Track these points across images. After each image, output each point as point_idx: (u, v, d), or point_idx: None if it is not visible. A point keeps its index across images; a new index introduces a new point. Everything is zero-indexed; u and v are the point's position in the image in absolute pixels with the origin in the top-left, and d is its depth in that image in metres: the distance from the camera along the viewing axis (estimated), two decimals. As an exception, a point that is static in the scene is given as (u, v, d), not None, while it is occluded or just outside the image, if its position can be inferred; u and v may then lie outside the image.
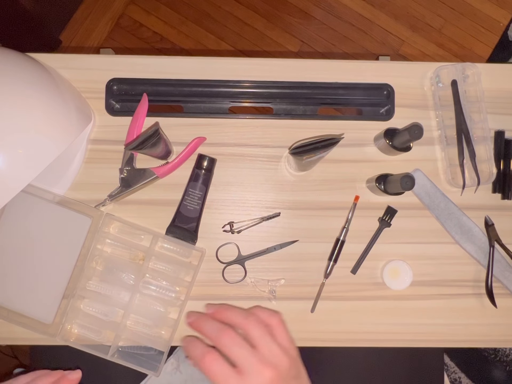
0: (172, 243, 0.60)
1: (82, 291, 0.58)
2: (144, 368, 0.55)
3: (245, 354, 0.44)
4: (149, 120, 0.60)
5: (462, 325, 0.62)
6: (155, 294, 0.59)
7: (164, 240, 0.59)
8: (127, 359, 0.56)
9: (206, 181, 0.59)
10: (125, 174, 0.59)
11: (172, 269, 0.60)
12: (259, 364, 0.43)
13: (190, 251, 0.60)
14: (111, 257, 0.59)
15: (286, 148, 0.62)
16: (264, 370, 0.43)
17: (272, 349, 0.45)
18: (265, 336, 0.46)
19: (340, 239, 0.60)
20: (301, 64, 0.63)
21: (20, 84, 0.47)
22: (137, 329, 0.58)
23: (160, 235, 0.59)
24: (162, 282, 0.59)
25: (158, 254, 0.60)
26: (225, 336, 0.45)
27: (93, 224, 0.58)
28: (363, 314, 0.61)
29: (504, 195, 0.62)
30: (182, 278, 0.60)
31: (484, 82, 0.61)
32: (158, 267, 0.60)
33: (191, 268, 0.59)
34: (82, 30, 1.43)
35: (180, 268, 0.60)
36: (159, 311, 0.58)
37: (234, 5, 1.45)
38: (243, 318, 0.47)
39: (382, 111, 0.63)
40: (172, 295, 0.59)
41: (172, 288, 0.59)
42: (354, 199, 0.61)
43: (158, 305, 0.58)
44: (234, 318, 0.48)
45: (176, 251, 0.60)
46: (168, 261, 0.60)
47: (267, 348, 0.45)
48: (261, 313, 0.49)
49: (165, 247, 0.60)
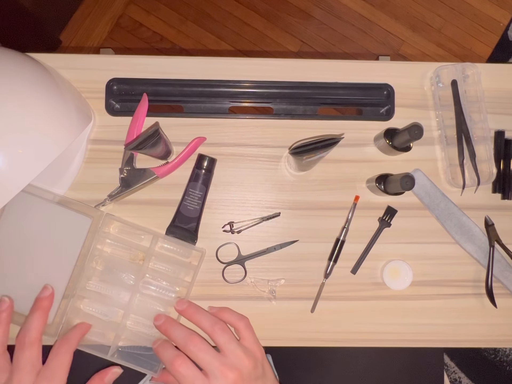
0: (172, 243, 0.59)
1: (82, 291, 0.57)
2: (143, 368, 0.55)
3: (209, 359, 0.49)
4: (149, 120, 0.60)
5: (462, 325, 0.62)
6: (155, 294, 0.59)
7: (164, 240, 0.59)
8: (127, 359, 0.56)
9: (206, 181, 0.60)
10: (125, 174, 0.59)
11: (172, 269, 0.60)
12: (223, 367, 0.48)
13: (190, 251, 0.60)
14: (111, 257, 0.59)
15: (286, 148, 0.62)
16: (228, 373, 0.48)
17: (236, 353, 0.50)
18: (229, 342, 0.51)
19: (340, 239, 0.60)
20: (301, 64, 0.63)
21: (20, 84, 0.47)
22: (137, 329, 0.58)
23: (160, 235, 0.59)
24: (162, 282, 0.59)
25: (158, 254, 0.60)
26: (190, 343, 0.50)
27: (93, 224, 0.58)
28: (363, 314, 0.61)
29: (504, 195, 0.62)
30: (182, 278, 0.60)
31: (484, 82, 0.61)
32: (158, 267, 0.60)
33: (191, 268, 0.59)
34: (82, 30, 1.43)
35: (180, 268, 0.60)
36: (159, 311, 0.58)
37: (234, 5, 1.45)
38: (210, 325, 0.52)
39: (382, 111, 0.63)
40: (172, 295, 0.59)
41: (172, 288, 0.59)
42: (354, 199, 0.61)
43: (158, 305, 0.58)
44: (201, 324, 0.53)
45: (176, 251, 0.60)
46: (168, 261, 0.60)
47: (231, 352, 0.50)
48: (229, 316, 0.55)
49: (165, 247, 0.60)
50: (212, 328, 0.51)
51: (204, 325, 0.52)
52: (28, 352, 0.50)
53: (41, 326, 0.52)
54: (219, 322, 0.52)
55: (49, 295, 0.55)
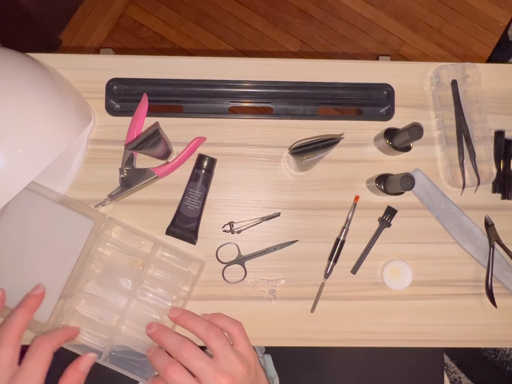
0: (173, 252, 0.59)
1: (80, 292, 0.57)
2: (134, 375, 0.55)
3: (202, 366, 0.48)
4: (149, 120, 0.60)
5: (462, 325, 0.62)
6: (152, 302, 0.58)
7: (165, 248, 0.59)
8: (119, 364, 0.56)
9: (206, 181, 0.59)
10: (125, 174, 0.59)
11: (170, 278, 0.59)
12: (216, 373, 0.48)
13: (190, 261, 0.59)
14: (110, 260, 0.59)
15: (286, 148, 0.62)
16: (221, 379, 0.47)
17: (230, 359, 0.50)
18: (224, 347, 0.50)
19: (340, 239, 0.60)
20: (301, 64, 0.63)
21: (20, 84, 0.47)
22: (131, 335, 0.58)
23: (161, 242, 0.58)
24: (160, 290, 0.59)
25: (158, 262, 0.59)
26: (183, 350, 0.49)
27: (95, 227, 0.58)
28: (363, 314, 0.61)
29: (504, 195, 0.62)
30: (180, 287, 0.59)
31: (484, 82, 0.61)
32: (157, 275, 0.59)
33: (190, 278, 0.59)
34: (82, 30, 1.43)
35: (178, 277, 0.59)
36: (154, 319, 0.58)
37: (234, 5, 1.45)
38: (204, 331, 0.51)
39: (382, 111, 0.63)
40: (168, 303, 0.58)
41: (169, 297, 0.59)
42: (354, 199, 0.61)
43: (154, 313, 0.58)
44: (195, 330, 0.52)
45: (176, 260, 0.60)
46: (167, 269, 0.59)
47: (225, 358, 0.49)
48: (222, 322, 0.54)
49: (165, 255, 0.60)
50: (207, 333, 0.51)
51: (199, 331, 0.52)
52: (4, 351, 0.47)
53: (23, 323, 0.50)
54: (213, 328, 0.52)
55: (39, 293, 0.54)
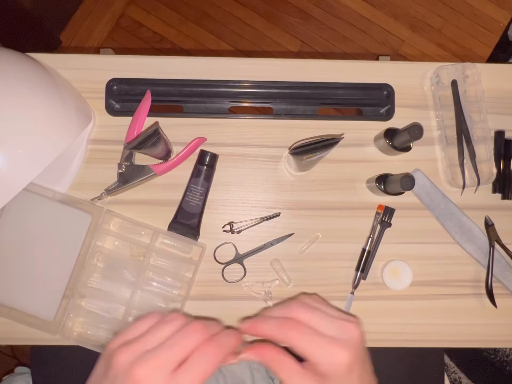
0: (173, 239, 0.60)
1: (84, 288, 0.58)
2: None
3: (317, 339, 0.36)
4: (149, 120, 0.60)
5: (462, 325, 0.62)
6: (156, 290, 0.59)
7: (165, 236, 0.59)
8: None
9: (208, 177, 0.59)
10: (124, 169, 0.59)
11: (172, 265, 0.60)
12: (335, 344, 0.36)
13: (191, 247, 0.60)
14: (111, 253, 0.59)
15: (286, 148, 0.62)
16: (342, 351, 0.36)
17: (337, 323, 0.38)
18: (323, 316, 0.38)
19: (366, 249, 0.60)
20: (301, 64, 0.63)
21: (20, 84, 0.47)
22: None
23: (160, 230, 0.59)
24: (163, 278, 0.59)
25: (159, 250, 0.60)
26: (289, 328, 0.36)
27: (93, 221, 0.58)
28: (363, 314, 0.61)
29: (504, 195, 0.62)
30: (183, 274, 0.60)
31: (484, 82, 0.61)
32: (159, 263, 0.60)
33: (192, 263, 0.59)
34: (82, 30, 1.42)
35: (180, 263, 0.60)
36: (160, 307, 0.58)
37: (234, 5, 1.45)
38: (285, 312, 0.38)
39: (382, 111, 0.63)
40: (173, 290, 0.59)
41: (173, 284, 0.59)
42: (378, 207, 0.61)
43: (159, 301, 0.58)
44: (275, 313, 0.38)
45: (177, 247, 0.60)
46: (168, 256, 0.60)
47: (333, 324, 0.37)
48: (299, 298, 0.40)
49: (165, 243, 0.60)
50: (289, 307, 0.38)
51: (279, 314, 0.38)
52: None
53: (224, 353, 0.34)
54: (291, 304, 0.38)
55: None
